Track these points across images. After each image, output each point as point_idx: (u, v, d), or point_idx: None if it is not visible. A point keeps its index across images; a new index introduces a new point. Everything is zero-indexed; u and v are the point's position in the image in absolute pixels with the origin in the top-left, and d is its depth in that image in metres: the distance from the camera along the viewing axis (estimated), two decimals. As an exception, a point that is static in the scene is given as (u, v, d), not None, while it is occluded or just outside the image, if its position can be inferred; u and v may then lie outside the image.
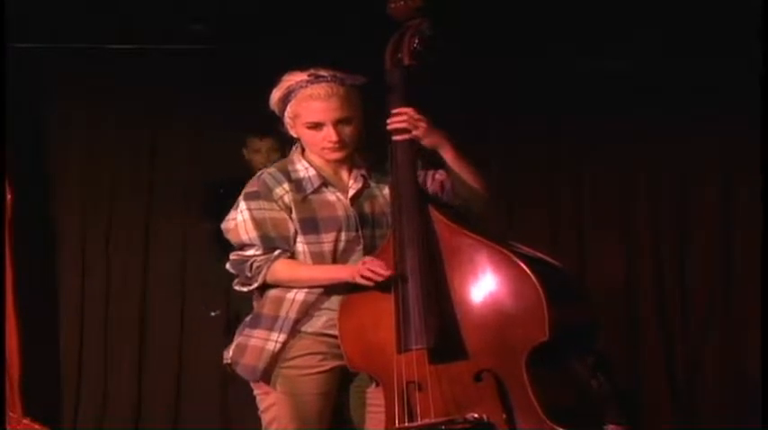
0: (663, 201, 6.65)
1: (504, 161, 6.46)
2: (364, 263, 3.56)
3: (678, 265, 6.62)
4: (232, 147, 6.44)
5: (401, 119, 3.63)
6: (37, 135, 6.68)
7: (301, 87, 3.66)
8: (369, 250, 3.68)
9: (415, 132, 3.62)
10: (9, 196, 6.02)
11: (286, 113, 3.72)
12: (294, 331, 3.68)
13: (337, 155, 3.69)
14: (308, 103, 3.65)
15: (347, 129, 3.65)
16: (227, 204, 4.06)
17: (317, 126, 3.65)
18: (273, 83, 3.77)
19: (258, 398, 3.77)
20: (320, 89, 3.64)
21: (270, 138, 6.08)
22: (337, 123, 3.63)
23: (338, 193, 3.73)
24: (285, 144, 5.35)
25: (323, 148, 3.68)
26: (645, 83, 6.39)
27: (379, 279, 3.51)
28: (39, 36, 6.24)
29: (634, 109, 6.46)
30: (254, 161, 6.19)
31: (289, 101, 3.68)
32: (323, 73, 3.66)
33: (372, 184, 3.77)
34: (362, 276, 3.53)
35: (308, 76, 3.66)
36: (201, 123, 6.83)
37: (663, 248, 6.63)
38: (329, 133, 3.64)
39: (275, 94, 3.73)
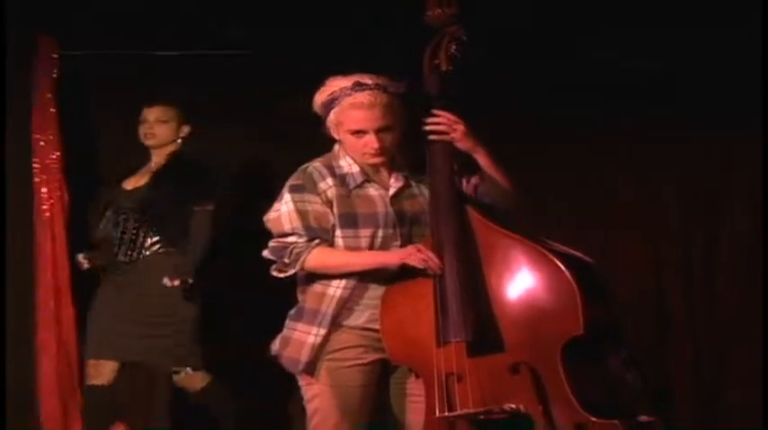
0: (691, 203, 6.53)
1: (534, 162, 6.36)
2: (420, 248, 3.64)
3: (707, 267, 6.51)
4: (269, 147, 6.30)
5: (439, 121, 3.70)
6: (90, 140, 6.58)
7: (345, 95, 3.72)
8: (405, 246, 3.75)
9: (452, 135, 3.69)
10: (66, 198, 6.13)
11: (329, 118, 3.78)
12: (335, 325, 3.75)
13: (377, 160, 3.76)
14: (351, 112, 3.71)
15: (388, 137, 3.73)
16: None
17: (359, 133, 3.72)
18: (312, 85, 3.84)
19: (303, 388, 3.85)
20: (363, 98, 3.70)
21: (160, 107, 5.70)
22: (379, 131, 3.70)
23: (381, 190, 3.80)
24: (179, 117, 5.69)
25: (364, 154, 3.75)
26: (676, 83, 6.27)
27: (433, 265, 3.58)
28: (87, 43, 6.25)
29: (662, 110, 6.34)
30: (139, 130, 5.71)
31: (332, 107, 3.74)
32: (366, 81, 3.72)
33: (413, 184, 3.85)
34: (421, 259, 3.60)
35: (352, 84, 3.72)
36: (238, 124, 6.61)
37: (693, 251, 6.52)
38: (371, 140, 3.72)
39: (318, 98, 3.80)
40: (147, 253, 5.51)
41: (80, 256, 5.64)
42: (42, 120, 6.09)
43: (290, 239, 3.78)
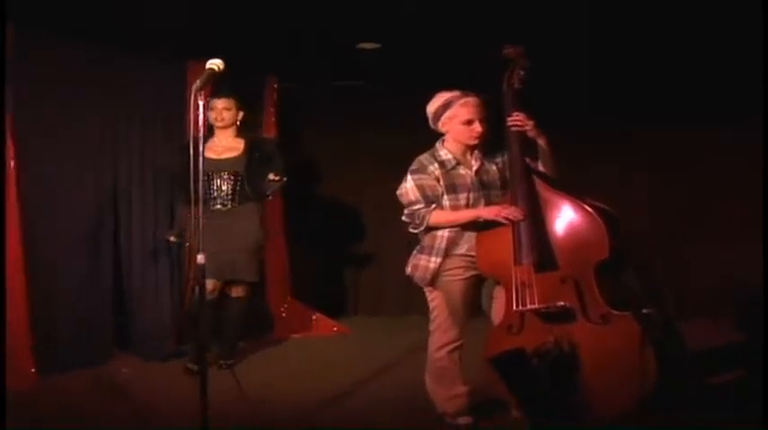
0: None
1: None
2: (505, 208, 3.70)
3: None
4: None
5: (518, 119, 3.74)
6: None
7: (458, 99, 3.83)
8: (487, 204, 3.83)
9: (526, 128, 3.75)
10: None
11: (444, 115, 3.84)
12: (447, 254, 3.83)
13: (477, 141, 3.85)
14: (463, 108, 3.81)
15: (484, 126, 3.84)
16: None
17: (469, 122, 3.81)
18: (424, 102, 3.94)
19: (427, 294, 3.94)
20: (472, 100, 3.82)
21: (225, 99, 5.16)
22: (480, 121, 3.82)
23: (466, 170, 3.87)
24: (237, 105, 5.18)
25: (469, 137, 3.83)
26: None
27: (518, 219, 3.66)
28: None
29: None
30: (209, 116, 5.10)
31: (449, 107, 3.83)
32: (467, 91, 3.86)
33: (486, 163, 3.91)
34: (504, 216, 3.67)
35: (460, 92, 3.85)
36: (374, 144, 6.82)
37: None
38: (476, 126, 3.82)
39: (435, 103, 3.87)
40: (240, 203, 5.14)
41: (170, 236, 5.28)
42: (269, 124, 6.39)
43: (416, 207, 3.84)
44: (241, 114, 5.27)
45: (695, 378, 3.93)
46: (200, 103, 3.43)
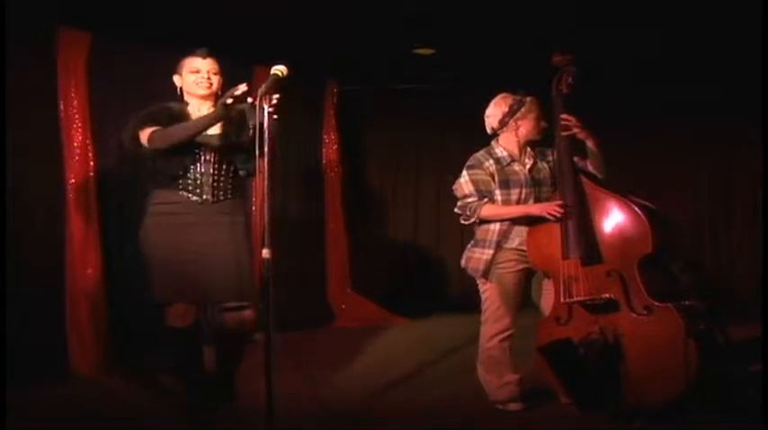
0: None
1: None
2: (550, 205, 3.81)
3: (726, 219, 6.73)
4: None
5: (567, 122, 3.87)
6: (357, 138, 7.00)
7: (526, 98, 3.97)
8: (537, 200, 3.95)
9: (575, 130, 3.87)
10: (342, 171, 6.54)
11: (520, 112, 3.96)
12: (498, 247, 3.94)
13: (541, 135, 4.02)
14: (536, 105, 3.98)
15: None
16: None
17: (538, 118, 3.97)
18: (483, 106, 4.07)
19: (480, 286, 4.03)
20: (537, 99, 3.98)
21: (211, 59, 3.91)
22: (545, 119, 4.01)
23: (520, 166, 3.99)
24: (222, 71, 3.91)
25: (538, 132, 3.99)
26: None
27: (560, 215, 3.77)
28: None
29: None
30: (187, 81, 3.90)
31: (523, 104, 3.96)
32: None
33: (539, 161, 4.04)
34: (550, 212, 3.79)
35: (524, 93, 3.99)
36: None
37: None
38: (544, 122, 3.99)
39: (507, 102, 3.99)
40: (225, 196, 3.87)
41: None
42: (330, 125, 6.55)
43: (469, 200, 3.97)
44: (221, 81, 3.98)
45: (737, 368, 3.93)
46: (266, 108, 3.41)
